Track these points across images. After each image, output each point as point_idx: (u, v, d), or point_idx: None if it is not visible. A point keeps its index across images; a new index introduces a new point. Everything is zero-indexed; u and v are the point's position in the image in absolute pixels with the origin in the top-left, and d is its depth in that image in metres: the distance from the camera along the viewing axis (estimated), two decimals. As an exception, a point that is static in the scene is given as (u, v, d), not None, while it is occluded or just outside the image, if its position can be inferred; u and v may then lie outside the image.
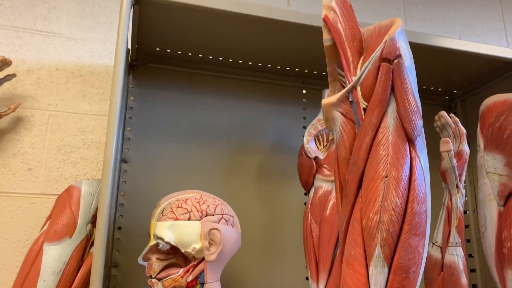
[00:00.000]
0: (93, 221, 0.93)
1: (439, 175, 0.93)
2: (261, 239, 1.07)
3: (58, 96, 1.07)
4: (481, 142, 0.83)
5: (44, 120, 1.04)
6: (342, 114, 0.57)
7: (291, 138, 1.15)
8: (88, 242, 0.92)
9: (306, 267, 1.08)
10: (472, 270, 1.16)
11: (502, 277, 0.76)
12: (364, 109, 0.55)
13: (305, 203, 1.11)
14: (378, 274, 0.50)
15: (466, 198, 1.20)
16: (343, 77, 0.61)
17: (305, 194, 1.13)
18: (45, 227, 0.90)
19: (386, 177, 0.52)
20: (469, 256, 1.17)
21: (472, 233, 1.17)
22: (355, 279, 0.51)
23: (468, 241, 1.18)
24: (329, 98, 0.57)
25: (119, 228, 0.98)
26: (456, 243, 0.93)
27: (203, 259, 0.78)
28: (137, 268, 0.97)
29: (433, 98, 1.28)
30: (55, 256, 0.86)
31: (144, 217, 0.99)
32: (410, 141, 0.54)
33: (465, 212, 1.19)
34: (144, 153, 1.03)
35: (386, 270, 0.50)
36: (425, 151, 0.55)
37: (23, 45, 1.07)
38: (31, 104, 1.04)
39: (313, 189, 0.96)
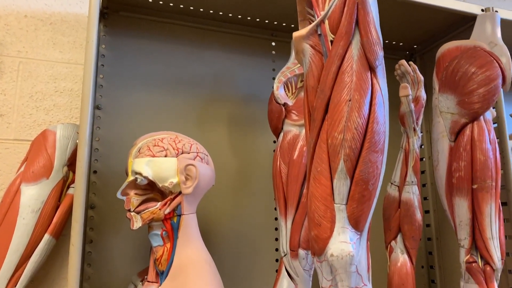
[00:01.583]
0: (69, 163, 0.95)
1: (399, 123, 1.01)
2: (233, 184, 1.12)
3: (28, 44, 1.06)
4: (436, 85, 0.90)
5: (15, 67, 1.04)
6: (311, 46, 0.62)
7: (261, 89, 1.19)
8: (64, 184, 0.95)
9: (275, 209, 1.15)
10: (427, 212, 1.26)
11: (451, 204, 0.85)
12: (331, 41, 0.60)
13: (274, 151, 1.16)
14: (341, 185, 0.57)
15: (423, 147, 1.29)
16: (313, 16, 0.66)
17: (274, 142, 1.18)
18: (22, 169, 0.92)
19: (349, 100, 0.57)
20: (424, 199, 1.27)
21: (427, 178, 1.27)
22: (321, 191, 0.57)
23: (424, 185, 1.28)
24: (299, 31, 0.62)
25: (95, 172, 1.01)
26: (412, 182, 1.02)
27: (179, 193, 0.82)
28: (113, 210, 1.00)
29: (395, 53, 1.35)
30: (33, 196, 0.89)
31: (118, 161, 1.02)
32: (372, 69, 0.59)
33: (421, 159, 1.29)
34: (116, 100, 1.05)
35: (348, 182, 0.57)
36: (385, 79, 0.61)
37: (-11, -10, 1.05)
38: (0, 51, 1.04)
39: (282, 134, 1.01)
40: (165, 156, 0.82)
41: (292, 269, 0.93)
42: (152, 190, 0.86)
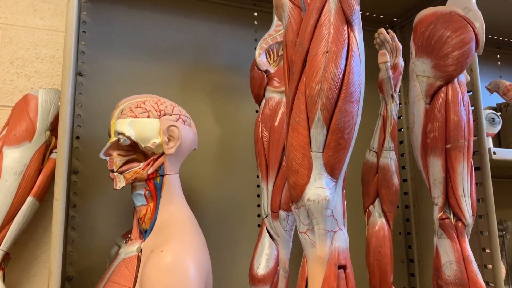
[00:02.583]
0: (52, 128, 0.96)
1: (378, 92, 1.04)
2: (215, 152, 1.14)
3: (7, 9, 1.05)
4: (413, 50, 0.93)
5: (-6, 32, 1.03)
6: (290, 1, 0.63)
7: (243, 58, 1.20)
8: (47, 148, 0.96)
9: (257, 176, 1.17)
10: (404, 180, 1.30)
11: (425, 164, 0.88)
12: (309, -4, 0.62)
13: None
14: (318, 134, 0.59)
15: (402, 118, 1.32)
16: (292, -26, 0.67)
17: (256, 111, 1.20)
18: (4, 133, 0.92)
19: (327, 52, 0.59)
20: (402, 168, 1.31)
21: (405, 147, 1.30)
22: (299, 140, 0.60)
23: (402, 155, 1.31)
24: (278, -14, 0.63)
25: (77, 137, 1.02)
26: (390, 147, 1.05)
27: (162, 154, 0.84)
28: (96, 175, 1.01)
29: (375, 26, 1.37)
30: (16, 158, 0.89)
31: (101, 128, 1.03)
32: (349, 23, 0.61)
33: (400, 129, 1.32)
34: (98, 67, 1.05)
35: (325, 131, 0.59)
36: (361, 34, 0.63)
37: (-34, -47, 1.04)
38: (-21, 16, 1.03)
39: (264, 101, 1.03)
40: (148, 117, 0.83)
41: (273, 229, 0.95)
42: (135, 151, 0.87)
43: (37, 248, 0.98)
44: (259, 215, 1.15)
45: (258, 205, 1.15)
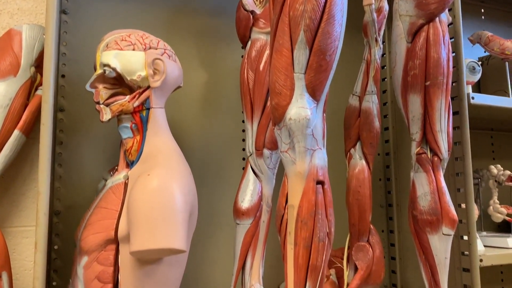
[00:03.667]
0: (36, 65, 0.95)
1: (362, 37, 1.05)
2: (201, 95, 1.15)
3: None
4: (397, -10, 0.94)
5: (-25, -33, 1.01)
6: None
7: (229, 0, 1.20)
8: (32, 84, 0.96)
9: (243, 121, 1.19)
10: (386, 129, 1.33)
11: (405, 101, 0.91)
12: None
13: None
14: (301, 55, 0.60)
15: (385, 68, 1.34)
16: None
17: (242, 57, 1.20)
18: (-13, 67, 0.91)
19: (311, -26, 0.60)
20: (384, 117, 1.34)
21: (388, 96, 1.33)
22: (282, 61, 0.61)
23: (385, 104, 1.34)
24: None
25: (63, 76, 1.02)
26: (372, 91, 1.07)
27: (148, 87, 0.85)
28: (83, 113, 1.02)
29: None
30: (1, 92, 0.89)
31: (87, 67, 1.03)
32: None
33: (383, 79, 1.34)
34: (83, 6, 1.04)
35: (308, 52, 0.60)
36: (345, -41, 0.64)
37: None
38: (-42, -51, 1.00)
39: (249, 42, 1.03)
40: (133, 50, 0.84)
41: (257, 167, 0.98)
42: (120, 85, 0.87)
43: (25, 184, 1.00)
44: (244, 158, 1.17)
45: (243, 149, 1.17)
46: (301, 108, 0.60)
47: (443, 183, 0.87)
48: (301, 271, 0.59)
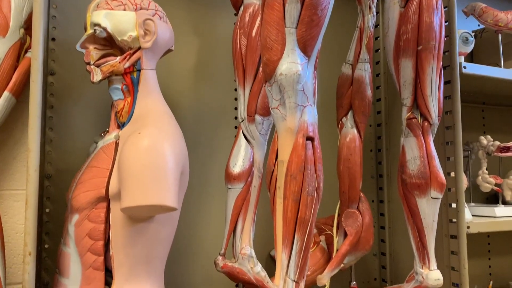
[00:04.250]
0: (26, 27, 0.94)
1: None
2: (193, 62, 1.14)
3: None
4: (391, -45, 0.93)
5: None
6: None
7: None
8: (22, 46, 0.94)
9: (235, 89, 1.18)
10: (378, 100, 1.34)
11: (397, 67, 0.91)
12: None
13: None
14: (292, 9, 0.60)
15: (378, 39, 1.33)
16: None
17: (234, 24, 1.19)
18: (-25, 27, 0.90)
19: None
20: (377, 88, 1.34)
21: (381, 68, 1.33)
22: (273, 16, 0.61)
23: (377, 75, 1.34)
24: None
25: (53, 39, 1.01)
26: (365, 59, 1.07)
27: (138, 48, 0.84)
28: (73, 77, 1.01)
29: None
30: (-11, 51, 0.88)
31: (77, 30, 1.01)
32: None
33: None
34: (74, -32, 1.03)
35: (299, 6, 0.60)
36: None
37: None
38: None
39: (242, 7, 1.02)
40: (124, 10, 0.83)
41: (249, 133, 0.98)
42: (111, 46, 0.86)
43: (15, 148, 0.99)
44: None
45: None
46: (292, 63, 0.60)
47: (433, 148, 0.88)
48: (290, 224, 0.60)
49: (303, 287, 0.60)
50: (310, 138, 0.62)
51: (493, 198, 1.48)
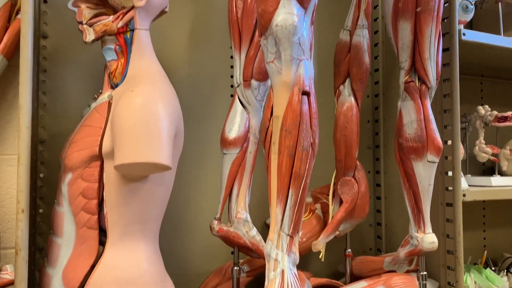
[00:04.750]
0: (16, -14, 0.92)
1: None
2: (188, 27, 1.12)
3: None
4: None
5: None
6: None
7: None
8: (13, 8, 0.93)
9: (231, 57, 1.17)
10: (376, 70, 1.32)
11: (395, 29, 0.89)
12: None
13: None
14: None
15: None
16: None
17: (232, -10, 1.17)
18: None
19: None
20: (375, 58, 1.32)
21: (379, 38, 1.31)
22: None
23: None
24: None
25: (45, 1, 0.98)
26: (363, 25, 1.05)
27: (132, 7, 0.82)
28: (66, 41, 0.99)
29: None
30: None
31: None
32: None
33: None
34: None
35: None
36: None
37: None
38: None
39: (239, -28, 1.00)
40: (117, -33, 0.81)
41: (244, 98, 0.97)
42: (104, 6, 0.85)
43: (8, 112, 0.98)
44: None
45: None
46: (288, 14, 0.59)
47: (430, 111, 0.87)
48: (284, 179, 0.59)
49: (297, 241, 0.60)
50: (306, 93, 0.61)
51: (490, 170, 1.48)
